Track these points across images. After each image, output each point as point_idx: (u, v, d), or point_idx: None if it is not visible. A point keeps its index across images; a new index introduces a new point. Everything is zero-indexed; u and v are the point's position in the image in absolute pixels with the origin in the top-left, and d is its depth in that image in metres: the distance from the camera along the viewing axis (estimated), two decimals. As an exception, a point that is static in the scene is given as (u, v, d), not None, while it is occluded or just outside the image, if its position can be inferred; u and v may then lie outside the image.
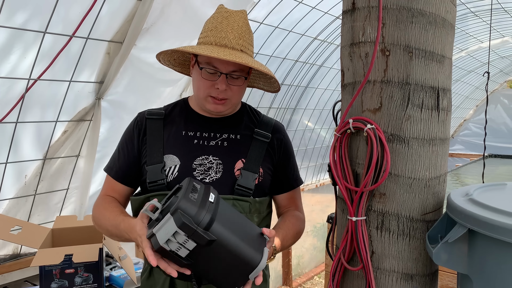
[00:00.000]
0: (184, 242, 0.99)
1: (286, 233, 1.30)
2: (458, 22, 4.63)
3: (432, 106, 1.11)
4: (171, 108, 1.40)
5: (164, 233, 1.00)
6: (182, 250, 1.01)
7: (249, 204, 1.26)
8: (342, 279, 1.22)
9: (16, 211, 2.11)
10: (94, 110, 2.19)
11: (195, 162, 1.29)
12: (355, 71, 1.17)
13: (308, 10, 3.15)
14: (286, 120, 4.09)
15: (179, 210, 1.00)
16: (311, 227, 4.99)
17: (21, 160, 2.03)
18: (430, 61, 1.10)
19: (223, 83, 1.24)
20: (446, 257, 0.99)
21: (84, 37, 1.92)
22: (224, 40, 1.24)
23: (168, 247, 1.00)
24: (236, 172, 1.28)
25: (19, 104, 1.86)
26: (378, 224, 1.13)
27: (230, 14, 1.26)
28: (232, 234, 1.05)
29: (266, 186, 1.35)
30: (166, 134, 1.33)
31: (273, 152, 1.38)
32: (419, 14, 1.08)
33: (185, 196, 1.04)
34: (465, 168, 4.55)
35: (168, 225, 0.99)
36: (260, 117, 1.43)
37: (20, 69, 1.81)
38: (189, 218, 1.00)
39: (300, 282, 4.62)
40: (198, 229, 0.99)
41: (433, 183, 1.14)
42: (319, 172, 5.01)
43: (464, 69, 6.50)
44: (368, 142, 1.11)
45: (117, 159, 1.37)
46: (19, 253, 2.19)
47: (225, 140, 1.33)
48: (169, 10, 2.08)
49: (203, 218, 1.01)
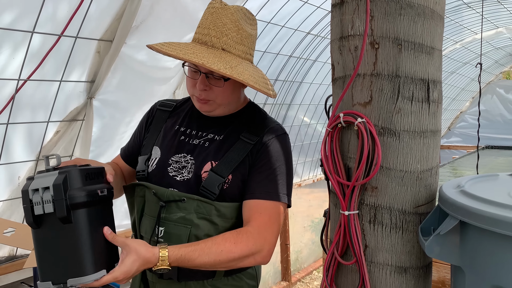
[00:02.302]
0: (45, 202, 0.98)
1: (194, 250, 1.11)
2: (452, 13, 4.62)
3: (422, 99, 1.11)
4: (183, 101, 1.44)
5: (39, 182, 1.00)
6: (38, 207, 0.99)
7: (213, 208, 1.22)
8: (336, 273, 1.21)
9: (10, 213, 2.10)
10: (86, 109, 2.18)
11: (172, 158, 1.29)
12: (345, 64, 1.16)
13: (300, 4, 3.14)
14: (281, 116, 4.08)
15: (67, 174, 1.00)
16: (309, 222, 5.00)
17: (14, 162, 2.02)
18: (420, 53, 1.09)
19: (201, 83, 1.20)
20: (438, 249, 0.99)
21: (73, 36, 1.90)
22: (205, 37, 1.20)
23: (31, 195, 0.99)
24: (203, 174, 1.24)
25: (10, 105, 1.84)
26: (371, 218, 1.13)
27: (216, 10, 1.21)
28: (89, 232, 1.02)
29: (235, 194, 1.24)
30: (165, 126, 1.37)
31: (251, 154, 1.25)
32: (408, 6, 1.07)
33: (83, 171, 1.04)
34: (462, 160, 4.56)
35: (48, 178, 0.99)
36: (261, 118, 1.33)
37: (9, 70, 1.79)
38: (67, 187, 0.99)
39: (299, 277, 4.63)
40: (65, 200, 0.98)
41: (425, 175, 1.13)
42: (316, 167, 5.01)
43: (459, 61, 6.50)
44: (359, 136, 1.10)
45: (129, 140, 1.48)
46: (15, 255, 2.18)
47: (208, 140, 1.30)
48: (159, 7, 2.07)
49: (78, 197, 1.00)
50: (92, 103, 2.13)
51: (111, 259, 1.08)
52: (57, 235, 1.00)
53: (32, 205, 0.98)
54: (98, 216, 1.06)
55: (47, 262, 1.01)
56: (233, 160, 1.24)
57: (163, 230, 1.24)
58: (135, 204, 1.34)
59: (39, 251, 1.02)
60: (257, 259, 1.19)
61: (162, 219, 1.24)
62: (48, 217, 0.99)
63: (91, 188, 1.04)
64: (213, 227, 1.23)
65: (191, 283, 1.26)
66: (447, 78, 6.62)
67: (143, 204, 1.31)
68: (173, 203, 1.23)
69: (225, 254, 1.14)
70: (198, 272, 1.23)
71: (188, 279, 1.26)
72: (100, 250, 1.04)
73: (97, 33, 2.01)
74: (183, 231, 1.21)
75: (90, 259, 1.01)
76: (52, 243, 1.00)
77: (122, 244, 1.06)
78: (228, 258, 1.14)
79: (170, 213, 1.23)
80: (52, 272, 1.00)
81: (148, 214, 1.29)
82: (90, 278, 1.00)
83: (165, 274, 1.25)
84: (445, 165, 4.39)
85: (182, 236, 1.21)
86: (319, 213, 4.95)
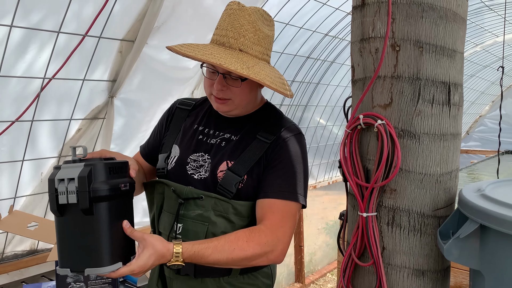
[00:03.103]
0: (69, 192, 1.00)
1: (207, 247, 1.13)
2: (473, 16, 4.55)
3: (443, 101, 1.10)
4: (202, 101, 1.46)
5: (65, 172, 1.02)
6: (62, 197, 1.01)
7: (230, 206, 1.24)
8: (353, 275, 1.22)
9: (32, 207, 2.16)
10: (107, 108, 2.22)
11: (191, 157, 1.32)
12: (365, 66, 1.16)
13: (319, 6, 3.14)
14: (297, 117, 4.08)
15: (92, 167, 1.03)
16: (323, 224, 4.98)
17: (38, 158, 2.07)
18: (441, 56, 1.09)
19: (219, 83, 1.22)
20: (457, 253, 0.98)
21: (96, 36, 1.95)
22: (223, 38, 1.22)
23: (57, 184, 1.01)
24: (218, 173, 1.26)
25: (35, 102, 1.90)
26: (389, 220, 1.13)
27: (234, 12, 1.22)
28: (108, 225, 1.04)
29: (250, 193, 1.25)
30: (184, 125, 1.40)
31: (267, 153, 1.25)
32: (430, 8, 1.07)
33: (107, 165, 1.06)
34: (480, 165, 4.49)
35: (74, 169, 1.02)
36: (277, 118, 1.34)
37: (35, 68, 1.84)
38: (91, 180, 1.01)
39: (312, 279, 4.62)
40: (89, 193, 1.00)
41: (445, 178, 1.13)
42: (331, 169, 4.99)
43: (479, 64, 6.39)
44: (379, 138, 1.10)
45: (149, 137, 1.50)
46: (36, 248, 2.24)
47: (224, 140, 1.31)
48: (180, 8, 2.10)
49: (100, 190, 1.02)
50: (113, 101, 2.18)
51: (127, 252, 1.11)
52: (78, 225, 1.03)
53: (57, 194, 1.01)
54: (119, 210, 1.08)
55: (67, 250, 1.04)
56: (249, 159, 1.25)
57: (181, 226, 1.26)
58: (154, 200, 1.37)
59: (61, 239, 1.05)
60: (270, 258, 1.20)
61: (180, 216, 1.26)
62: (71, 207, 1.02)
63: (114, 182, 1.06)
64: (230, 225, 1.24)
65: (207, 279, 1.28)
66: (467, 81, 6.52)
67: (162, 200, 1.33)
68: (192, 200, 1.25)
69: (237, 252, 1.14)
70: (214, 269, 1.24)
71: (204, 275, 1.28)
72: (118, 243, 1.07)
73: (120, 33, 2.05)
74: (201, 228, 1.24)
75: (108, 251, 1.04)
76: (73, 232, 1.03)
77: (140, 238, 1.09)
78: (241, 256, 1.15)
79: (188, 210, 1.25)
80: (71, 260, 1.04)
81: (167, 210, 1.31)
82: (107, 269, 1.03)
83: (182, 270, 1.27)
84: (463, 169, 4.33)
85: (200, 233, 1.23)
86: (333, 215, 4.93)
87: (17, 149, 1.98)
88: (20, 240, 2.15)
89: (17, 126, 1.91)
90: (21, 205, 2.11)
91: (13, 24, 1.66)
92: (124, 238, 1.09)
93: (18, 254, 2.17)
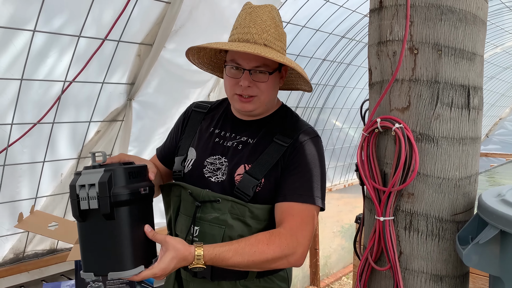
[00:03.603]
0: (91, 198, 1.02)
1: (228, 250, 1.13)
2: (493, 17, 4.47)
3: (462, 105, 1.09)
4: (217, 104, 1.47)
5: (86, 178, 1.04)
6: (84, 203, 1.02)
7: (247, 209, 1.24)
8: (369, 279, 1.21)
9: (52, 208, 2.21)
10: (125, 110, 2.26)
11: (208, 160, 1.32)
12: (382, 69, 1.16)
13: (336, 8, 3.13)
14: (313, 120, 4.07)
15: (112, 172, 1.04)
16: (338, 227, 4.95)
17: (58, 159, 2.12)
18: (460, 59, 1.08)
19: (246, 79, 1.22)
20: (477, 259, 0.97)
21: (116, 40, 1.98)
22: (247, 35, 1.23)
23: (78, 190, 1.03)
24: (236, 176, 1.27)
25: (56, 105, 1.94)
26: (406, 224, 1.12)
27: (254, 10, 1.25)
28: (130, 229, 1.05)
29: (267, 196, 1.25)
30: (200, 128, 1.40)
31: (284, 157, 1.26)
32: (449, 11, 1.06)
33: (127, 169, 1.07)
34: (500, 169, 4.39)
35: (94, 175, 1.04)
36: (293, 121, 1.35)
37: (57, 72, 1.88)
38: (111, 185, 1.03)
39: (328, 283, 4.59)
40: (110, 198, 1.02)
41: (464, 183, 1.11)
42: (347, 172, 4.96)
43: (499, 66, 6.27)
44: (396, 141, 1.10)
45: (166, 140, 1.52)
46: (55, 248, 2.28)
47: (241, 143, 1.31)
48: (197, 12, 2.12)
49: (121, 195, 1.03)
50: (131, 104, 2.21)
51: (149, 256, 1.12)
52: (100, 230, 1.04)
53: (79, 200, 1.03)
54: (139, 214, 1.10)
55: (90, 254, 1.06)
56: (267, 162, 1.25)
57: (198, 229, 1.27)
58: (171, 203, 1.38)
59: (84, 244, 1.07)
60: (290, 261, 1.20)
61: (197, 219, 1.27)
62: (93, 212, 1.04)
63: (134, 186, 1.07)
64: (247, 228, 1.25)
65: (223, 282, 1.28)
66: (486, 83, 6.40)
67: (179, 203, 1.34)
68: (208, 203, 1.26)
69: (258, 255, 1.14)
70: (231, 272, 1.25)
71: (221, 278, 1.28)
72: (140, 247, 1.08)
73: (138, 37, 2.09)
74: (217, 231, 1.24)
75: (130, 255, 1.05)
76: (96, 237, 1.05)
77: (162, 241, 1.10)
78: (261, 259, 1.15)
79: (205, 213, 1.26)
80: (94, 264, 1.05)
81: (183, 213, 1.32)
82: (129, 273, 1.04)
83: (199, 273, 1.28)
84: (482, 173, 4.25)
85: (216, 236, 1.24)
86: (349, 218, 4.89)
87: (38, 151, 2.02)
88: (41, 240, 2.20)
89: (38, 129, 1.95)
90: (42, 205, 2.16)
91: (36, 29, 1.71)
92: (146, 241, 1.10)
93: (38, 253, 2.22)
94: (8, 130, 1.86)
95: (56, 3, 1.70)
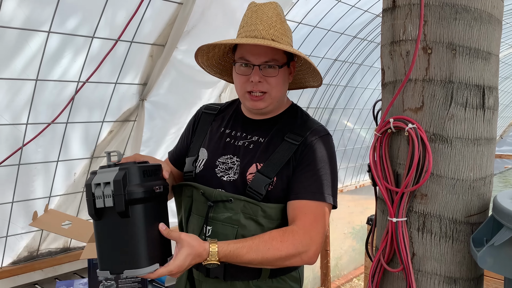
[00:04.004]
0: (106, 196, 1.03)
1: (242, 246, 1.14)
2: (508, 16, 4.40)
3: (477, 105, 1.08)
4: (227, 105, 1.48)
5: (101, 177, 1.05)
6: (99, 201, 1.03)
7: (259, 208, 1.24)
8: (381, 281, 1.20)
9: (66, 207, 2.23)
10: (138, 110, 2.27)
11: (219, 160, 1.33)
12: (395, 69, 1.15)
13: (347, 8, 3.11)
14: (324, 120, 4.06)
15: (127, 170, 1.04)
16: (349, 228, 4.92)
17: (71, 159, 2.14)
18: (475, 59, 1.07)
19: (256, 75, 1.23)
20: (491, 261, 0.96)
21: (128, 40, 2.00)
22: (254, 32, 1.24)
23: (93, 189, 1.04)
24: (248, 175, 1.27)
25: (69, 105, 1.96)
26: (419, 226, 1.11)
27: (259, 8, 1.27)
28: (144, 227, 1.05)
29: (279, 195, 1.26)
30: (210, 129, 1.42)
31: (295, 155, 1.27)
32: (464, 10, 1.05)
33: (141, 168, 1.08)
34: (515, 170, 4.32)
35: (109, 174, 1.05)
36: (304, 119, 1.35)
37: (71, 72, 1.91)
38: (126, 183, 1.03)
39: (338, 284, 4.56)
40: (124, 195, 1.02)
41: (478, 184, 1.10)
42: (358, 173, 4.93)
43: (514, 66, 6.18)
44: (410, 142, 1.09)
45: (177, 143, 1.53)
46: (69, 246, 2.31)
47: (253, 142, 1.32)
48: (209, 12, 2.13)
49: (136, 193, 1.04)
50: (144, 104, 2.23)
51: (164, 254, 1.12)
52: (115, 228, 1.05)
53: (94, 199, 1.04)
54: (154, 211, 1.10)
55: (106, 253, 1.07)
56: (278, 161, 1.26)
57: (210, 229, 1.27)
58: (182, 203, 1.39)
59: (99, 242, 1.07)
60: (303, 259, 1.20)
61: (210, 219, 1.27)
62: (108, 211, 1.04)
63: (148, 185, 1.08)
64: (259, 228, 1.25)
65: (236, 282, 1.29)
66: (501, 83, 6.31)
67: (191, 203, 1.35)
68: (221, 203, 1.26)
69: (272, 252, 1.15)
70: (244, 272, 1.25)
71: (234, 278, 1.28)
72: (155, 245, 1.08)
73: (151, 38, 2.10)
74: (230, 231, 1.24)
75: (145, 253, 1.05)
76: (111, 235, 1.06)
77: (177, 238, 1.10)
78: (275, 256, 1.15)
79: (217, 213, 1.27)
80: (110, 262, 1.06)
81: (196, 213, 1.33)
82: (145, 271, 1.05)
83: (211, 273, 1.29)
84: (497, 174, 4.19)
85: (229, 235, 1.24)
86: (360, 220, 4.86)
87: (51, 151, 2.05)
88: (54, 238, 2.23)
89: (52, 129, 1.98)
90: (55, 204, 2.19)
91: (51, 30, 1.73)
92: (161, 239, 1.11)
93: (52, 251, 2.25)
94: (23, 130, 1.89)
95: (71, 5, 1.72)
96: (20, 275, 2.10)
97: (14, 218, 2.03)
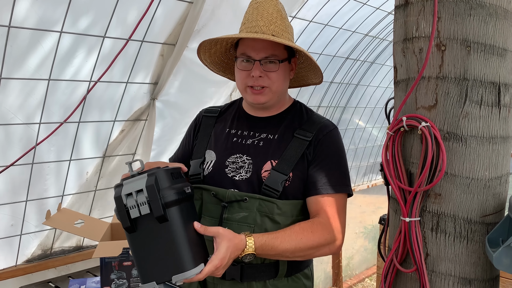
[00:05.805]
0: (141, 204, 1.01)
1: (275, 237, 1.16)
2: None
3: (492, 103, 1.05)
4: (227, 106, 1.49)
5: (130, 186, 1.03)
6: (134, 210, 1.01)
7: (275, 206, 1.24)
8: (394, 281, 1.18)
9: (78, 206, 2.26)
10: (149, 110, 2.28)
11: (229, 160, 1.33)
12: (408, 67, 1.13)
13: (359, 6, 3.08)
14: (336, 119, 4.03)
15: (156, 175, 1.03)
16: (361, 228, 4.89)
17: (83, 158, 2.16)
18: (491, 55, 1.04)
19: (257, 69, 1.25)
20: (508, 262, 0.94)
21: (139, 40, 2.01)
22: (255, 28, 1.26)
23: (125, 200, 1.02)
24: (263, 173, 1.27)
25: (81, 105, 1.98)
26: (433, 226, 1.09)
27: (260, 4, 1.29)
28: (184, 228, 1.04)
29: (296, 190, 1.28)
30: (214, 131, 1.41)
31: (308, 151, 1.29)
32: (478, 6, 1.03)
33: (168, 171, 1.07)
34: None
35: (139, 181, 1.03)
36: (309, 115, 1.37)
37: (83, 72, 1.92)
38: (159, 187, 1.02)
39: (350, 284, 4.54)
40: (160, 199, 1.01)
41: (494, 183, 1.08)
42: (370, 172, 4.88)
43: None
44: (423, 140, 1.07)
45: (178, 149, 1.53)
46: (81, 245, 2.33)
47: (262, 140, 1.32)
48: (219, 11, 2.13)
49: (170, 195, 1.02)
50: (155, 104, 2.23)
51: (204, 252, 1.11)
52: (155, 235, 1.03)
53: (128, 210, 1.02)
54: (188, 212, 1.09)
55: (148, 263, 1.04)
56: (292, 157, 1.27)
57: None
58: None
59: (138, 254, 1.05)
60: (331, 249, 1.25)
61: (224, 220, 1.26)
62: (144, 219, 1.03)
63: (179, 186, 1.07)
64: (275, 226, 1.25)
65: (253, 283, 1.28)
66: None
67: (200, 206, 1.34)
68: (235, 203, 1.26)
69: (304, 241, 1.18)
70: (261, 272, 1.26)
71: (251, 279, 1.27)
72: (195, 244, 1.07)
73: (161, 37, 2.11)
74: (247, 230, 1.23)
75: (189, 254, 1.03)
76: (151, 244, 1.03)
77: (215, 233, 1.09)
78: (307, 245, 1.19)
79: (232, 213, 1.26)
80: (154, 272, 1.03)
81: (207, 215, 1.32)
82: (192, 272, 1.02)
83: (227, 275, 1.27)
84: (512, 174, 4.11)
85: None
86: (372, 219, 4.82)
87: (64, 150, 2.07)
88: (67, 237, 2.25)
89: (64, 128, 2.00)
90: (68, 203, 2.21)
91: (63, 30, 1.75)
92: (198, 238, 1.10)
93: (65, 250, 2.27)
94: (36, 129, 1.91)
95: (82, 5, 1.74)
96: (34, 273, 2.13)
97: (28, 216, 2.06)
